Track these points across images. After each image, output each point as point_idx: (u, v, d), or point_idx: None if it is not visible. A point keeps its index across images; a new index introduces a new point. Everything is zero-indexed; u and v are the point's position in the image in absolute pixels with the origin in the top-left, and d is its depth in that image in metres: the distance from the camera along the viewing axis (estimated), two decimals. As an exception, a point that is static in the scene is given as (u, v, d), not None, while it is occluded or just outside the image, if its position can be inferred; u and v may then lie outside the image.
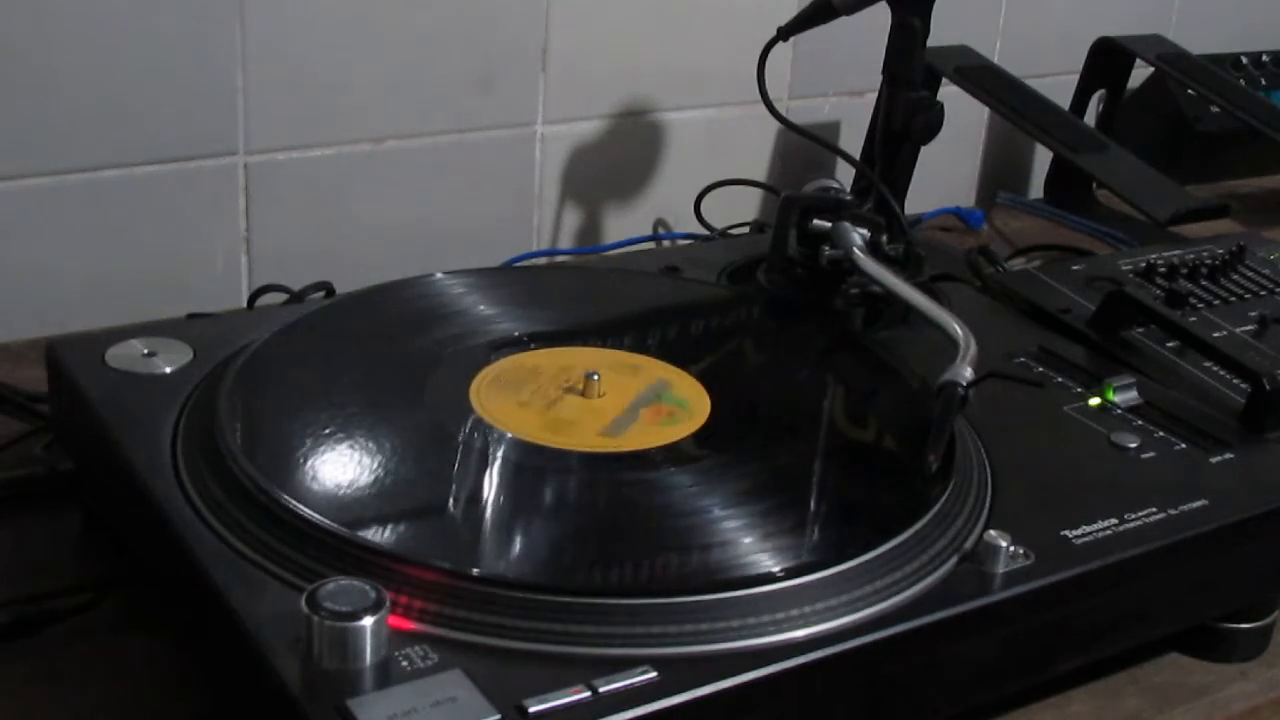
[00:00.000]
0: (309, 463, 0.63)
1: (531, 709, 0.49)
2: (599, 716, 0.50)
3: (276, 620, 0.52)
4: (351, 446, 0.64)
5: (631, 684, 0.51)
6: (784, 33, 0.93)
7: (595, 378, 0.70)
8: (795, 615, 0.55)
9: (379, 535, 0.57)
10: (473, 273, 0.84)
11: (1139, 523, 0.64)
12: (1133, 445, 0.71)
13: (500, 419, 0.67)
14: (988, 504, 0.64)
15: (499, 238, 1.11)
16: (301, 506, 0.58)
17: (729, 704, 0.52)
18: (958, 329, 0.73)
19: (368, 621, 0.50)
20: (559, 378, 0.72)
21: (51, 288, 0.95)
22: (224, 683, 0.57)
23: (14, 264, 0.94)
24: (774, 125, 1.17)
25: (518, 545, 0.59)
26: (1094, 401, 0.75)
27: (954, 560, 0.60)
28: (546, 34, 1.09)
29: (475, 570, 0.55)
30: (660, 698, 0.51)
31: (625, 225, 1.18)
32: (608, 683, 0.51)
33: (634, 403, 0.70)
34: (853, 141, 1.18)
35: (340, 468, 0.63)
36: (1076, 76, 1.33)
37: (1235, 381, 0.79)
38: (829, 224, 0.85)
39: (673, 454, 0.66)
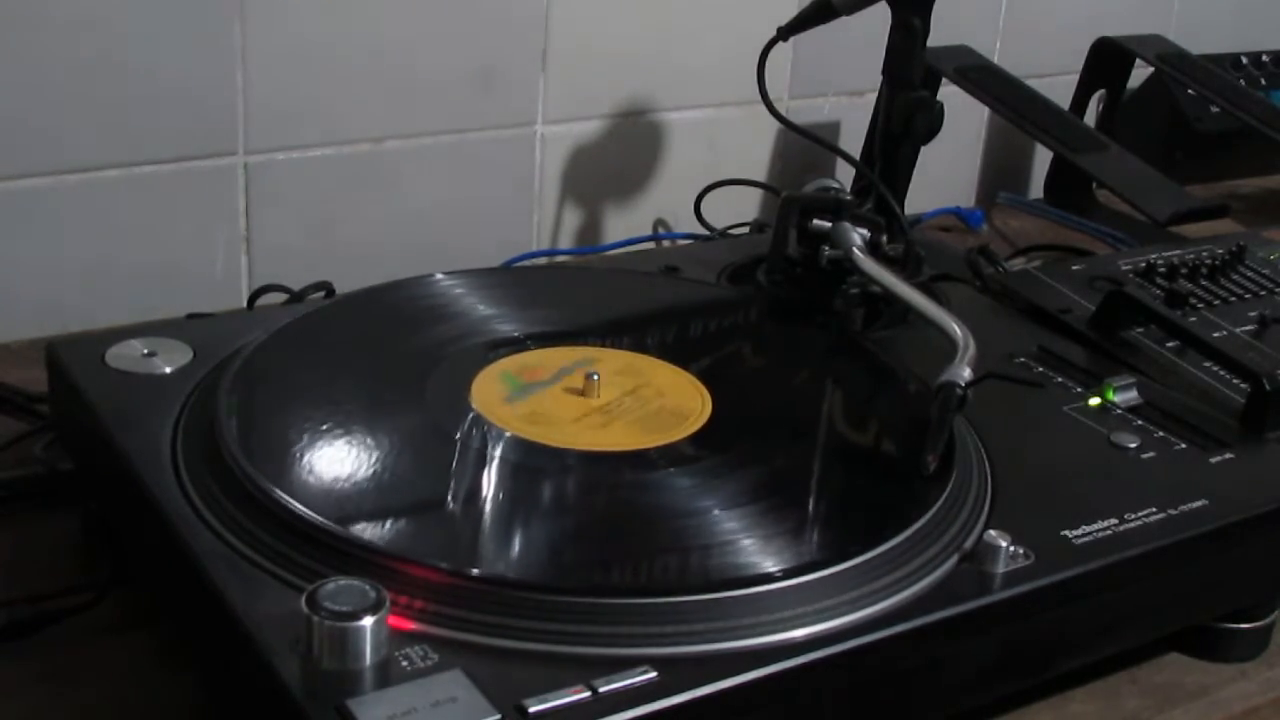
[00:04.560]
0: (309, 462, 0.63)
1: (531, 709, 0.49)
2: (599, 716, 0.50)
3: (276, 620, 0.52)
4: (351, 446, 0.64)
5: (631, 684, 0.51)
6: (784, 33, 0.93)
7: (595, 378, 0.70)
8: (795, 615, 0.55)
9: (379, 535, 0.57)
10: (473, 273, 0.84)
11: (1139, 523, 0.64)
12: (1133, 445, 0.71)
13: (500, 419, 0.67)
14: (988, 504, 0.64)
15: (499, 238, 1.11)
16: (301, 506, 0.58)
17: (729, 704, 0.52)
18: (957, 329, 0.73)
19: (368, 621, 0.50)
20: (559, 378, 0.72)
21: (51, 288, 0.95)
22: (224, 683, 0.57)
23: (14, 264, 0.94)
24: (774, 125, 1.18)
25: (518, 545, 0.59)
26: (1094, 401, 0.75)
27: (954, 560, 0.60)
28: (546, 34, 1.09)
29: (475, 570, 0.55)
30: (660, 698, 0.51)
31: (625, 225, 1.18)
32: (608, 683, 0.51)
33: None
34: (853, 141, 1.18)
35: (340, 467, 0.63)
36: (1076, 76, 1.33)
37: (1235, 381, 0.79)
38: (829, 224, 0.85)
39: (673, 454, 0.66)
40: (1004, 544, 0.60)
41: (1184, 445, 0.72)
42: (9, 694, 0.60)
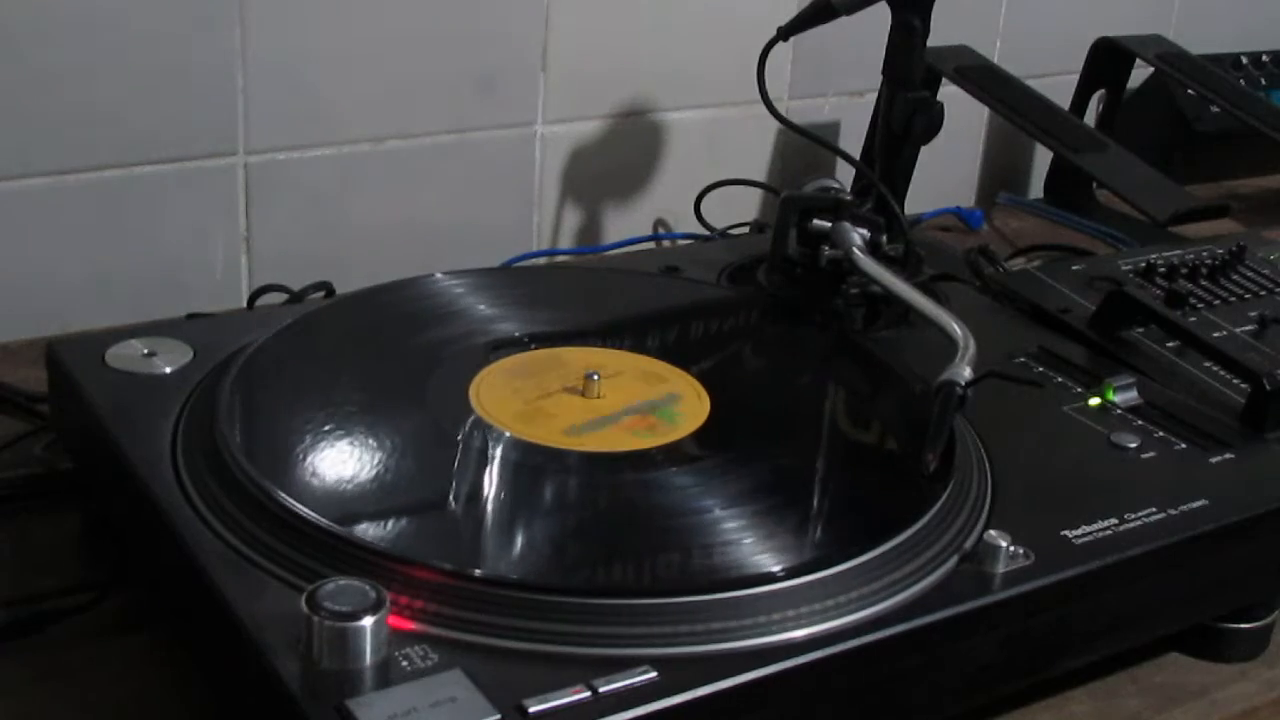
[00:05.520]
0: (309, 462, 0.63)
1: (531, 709, 0.49)
2: (599, 716, 0.50)
3: (276, 620, 0.52)
4: (351, 446, 0.64)
5: (631, 684, 0.51)
6: (784, 33, 0.93)
7: (595, 378, 0.70)
8: (795, 615, 0.55)
9: (379, 535, 0.57)
10: (473, 273, 0.84)
11: (1139, 523, 0.64)
12: (1133, 445, 0.71)
13: (500, 419, 0.67)
14: (988, 504, 0.64)
15: (499, 238, 1.11)
16: (301, 506, 0.58)
17: (729, 704, 0.52)
18: (957, 329, 0.73)
19: (368, 621, 0.50)
20: (559, 378, 0.72)
21: (51, 288, 0.95)
22: (224, 682, 0.57)
23: (14, 264, 0.94)
24: (774, 125, 1.17)
25: (518, 545, 0.59)
26: (1094, 401, 0.75)
27: (954, 560, 0.60)
28: (546, 34, 1.09)
29: (475, 570, 0.55)
30: (660, 698, 0.51)
31: (625, 225, 1.18)
32: (608, 683, 0.51)
33: (626, 409, 0.69)
34: (853, 141, 1.18)
35: (340, 467, 0.63)
36: (1076, 76, 1.33)
37: (1235, 381, 0.79)
38: (829, 224, 0.85)
39: (673, 454, 0.66)
40: (1004, 544, 0.60)
41: (1184, 445, 0.72)
42: (9, 694, 0.60)
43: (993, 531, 0.60)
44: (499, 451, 0.65)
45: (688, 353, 0.76)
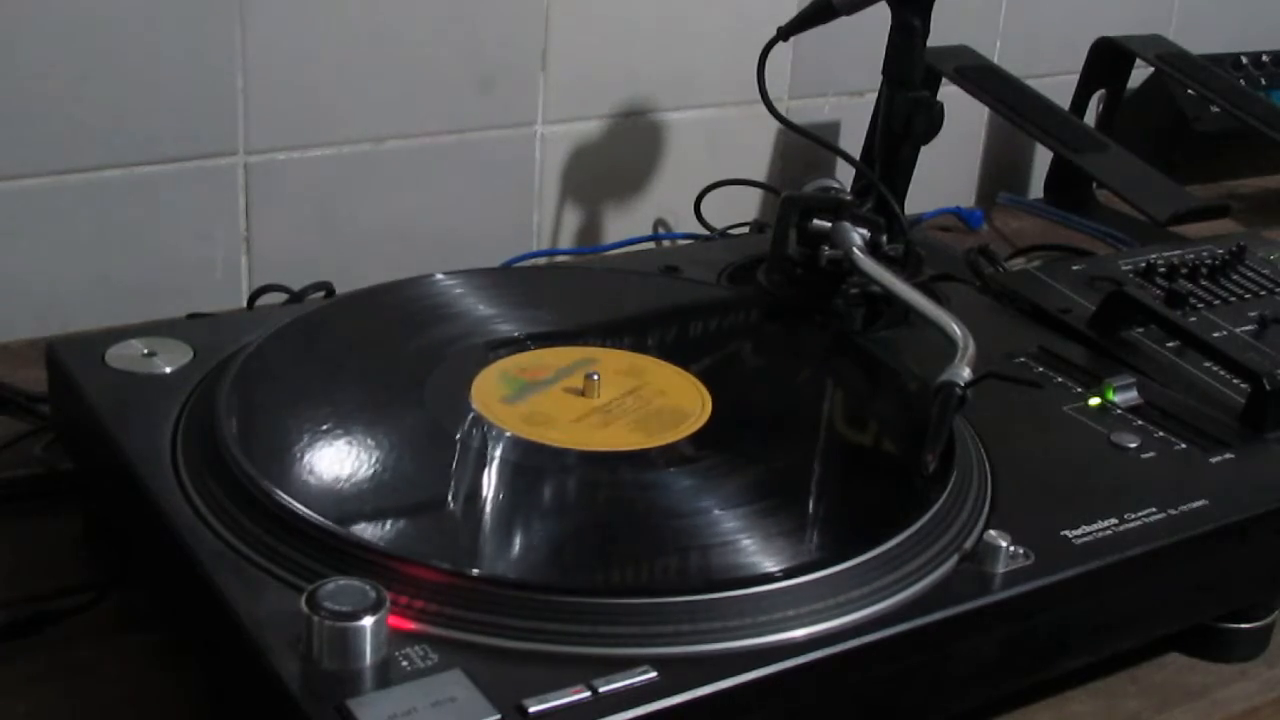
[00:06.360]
0: (309, 462, 0.63)
1: (531, 709, 0.49)
2: (599, 716, 0.50)
3: (276, 620, 0.52)
4: (351, 446, 0.64)
5: (631, 684, 0.51)
6: (784, 33, 0.93)
7: (595, 378, 0.70)
8: (795, 615, 0.55)
9: (379, 535, 0.57)
10: (473, 273, 0.84)
11: (1139, 523, 0.64)
12: (1133, 445, 0.71)
13: (500, 418, 0.67)
14: (988, 504, 0.64)
15: (499, 238, 1.11)
16: (301, 506, 0.58)
17: (729, 704, 0.52)
18: (957, 329, 0.73)
19: (368, 621, 0.50)
20: (559, 378, 0.72)
21: (51, 288, 0.95)
22: (224, 683, 0.57)
23: (14, 264, 0.94)
24: (774, 125, 1.18)
25: (518, 545, 0.59)
26: (1094, 401, 0.75)
27: (954, 560, 0.60)
28: (546, 34, 1.09)
29: (475, 570, 0.55)
30: (660, 698, 0.51)
31: (625, 225, 1.18)
32: (608, 683, 0.51)
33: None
34: (853, 141, 1.18)
35: (340, 467, 0.63)
36: (1076, 76, 1.33)
37: (1235, 381, 0.79)
38: (829, 224, 0.84)
39: (673, 454, 0.66)
40: (1004, 544, 0.60)
41: (1184, 445, 0.72)
42: (9, 694, 0.60)
43: (993, 531, 0.60)
44: (498, 451, 0.65)
45: (688, 353, 0.76)
